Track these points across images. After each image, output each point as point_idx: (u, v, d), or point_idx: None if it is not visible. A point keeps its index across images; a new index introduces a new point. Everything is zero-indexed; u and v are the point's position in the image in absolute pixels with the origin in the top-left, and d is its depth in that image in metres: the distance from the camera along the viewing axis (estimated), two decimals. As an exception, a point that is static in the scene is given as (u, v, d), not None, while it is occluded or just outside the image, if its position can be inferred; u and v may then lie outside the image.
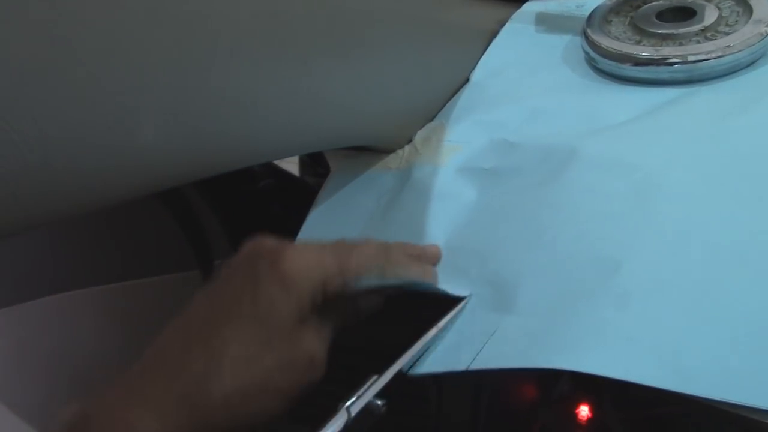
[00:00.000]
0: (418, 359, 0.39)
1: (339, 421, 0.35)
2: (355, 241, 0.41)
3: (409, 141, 0.55)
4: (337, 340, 0.39)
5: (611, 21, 0.57)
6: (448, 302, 0.42)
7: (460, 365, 0.37)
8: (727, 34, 0.50)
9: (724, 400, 0.33)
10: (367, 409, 0.36)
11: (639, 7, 0.57)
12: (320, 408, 0.35)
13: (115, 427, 0.33)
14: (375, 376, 0.37)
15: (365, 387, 0.37)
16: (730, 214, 0.40)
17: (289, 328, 0.36)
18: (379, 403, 0.36)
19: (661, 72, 0.51)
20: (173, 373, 0.34)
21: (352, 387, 0.37)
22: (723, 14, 0.53)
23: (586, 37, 0.55)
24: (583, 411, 0.42)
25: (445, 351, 0.39)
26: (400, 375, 0.38)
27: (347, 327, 0.41)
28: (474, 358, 0.37)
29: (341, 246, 0.40)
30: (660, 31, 0.53)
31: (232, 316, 0.36)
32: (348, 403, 0.36)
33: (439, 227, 0.48)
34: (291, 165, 0.83)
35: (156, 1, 0.32)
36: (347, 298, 0.39)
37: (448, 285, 0.43)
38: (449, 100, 0.57)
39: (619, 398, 0.41)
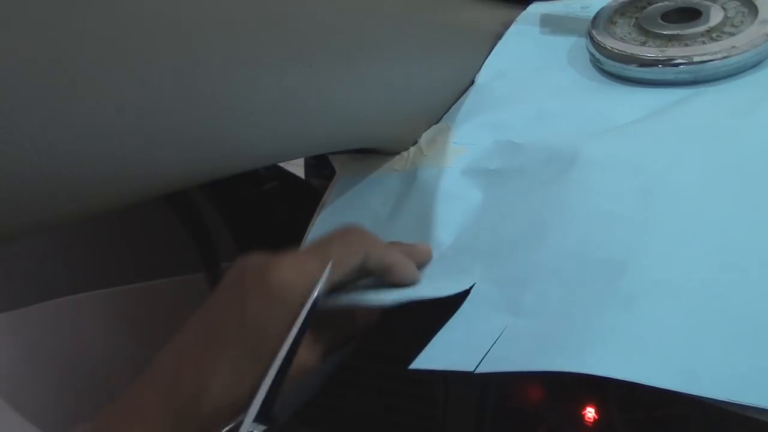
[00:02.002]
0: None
1: None
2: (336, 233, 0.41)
3: (415, 143, 0.55)
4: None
5: (616, 22, 0.57)
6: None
7: (468, 366, 0.37)
8: (733, 34, 0.50)
9: (731, 401, 0.32)
10: None
11: (644, 8, 0.57)
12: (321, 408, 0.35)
13: None
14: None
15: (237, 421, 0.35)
16: (737, 215, 0.40)
17: (279, 340, 0.36)
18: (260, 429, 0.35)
19: (667, 73, 0.51)
20: (168, 391, 0.35)
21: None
22: (728, 15, 0.52)
23: (591, 39, 0.55)
24: (590, 412, 0.42)
25: (453, 349, 0.39)
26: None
27: (346, 341, 0.41)
28: (481, 361, 0.37)
29: (322, 245, 0.40)
30: (665, 32, 0.53)
31: (221, 333, 0.36)
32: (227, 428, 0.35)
33: (444, 228, 0.48)
34: (296, 167, 0.83)
35: (162, 6, 0.32)
36: (343, 311, 0.40)
37: (453, 284, 0.43)
38: (454, 102, 0.57)
39: (625, 400, 0.41)
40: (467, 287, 0.42)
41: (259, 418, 0.34)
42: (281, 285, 0.37)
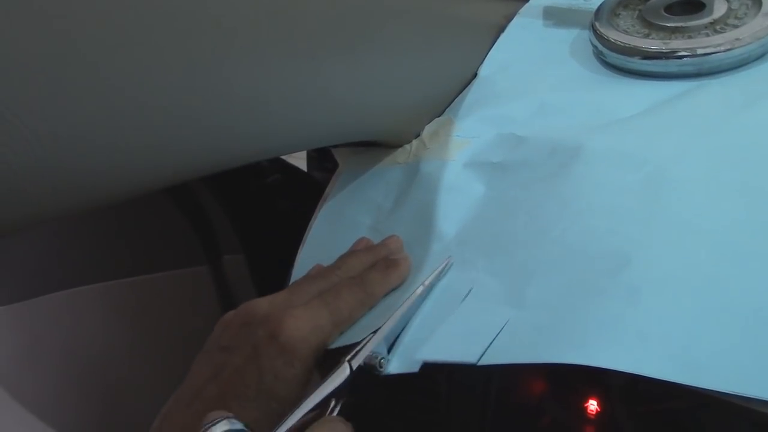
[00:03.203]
0: (409, 319, 0.41)
1: (342, 374, 0.36)
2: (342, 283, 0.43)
3: (417, 136, 0.55)
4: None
5: (620, 14, 0.56)
6: None
7: (471, 358, 0.37)
8: (737, 26, 0.50)
9: (735, 393, 0.33)
10: (368, 362, 0.38)
11: (647, 0, 0.57)
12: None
13: None
14: (371, 334, 0.39)
15: (364, 343, 0.38)
16: (740, 207, 0.40)
17: (297, 395, 0.37)
18: (378, 356, 0.38)
19: (670, 65, 0.50)
20: None
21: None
22: (732, 7, 0.52)
23: (595, 31, 0.55)
24: (592, 405, 0.42)
25: (455, 341, 0.39)
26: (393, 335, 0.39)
27: None
28: (484, 352, 0.37)
29: (329, 298, 0.41)
30: (669, 24, 0.53)
31: (240, 394, 0.37)
32: (349, 357, 0.37)
33: (447, 221, 0.48)
34: (299, 160, 0.84)
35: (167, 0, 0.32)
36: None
37: (455, 277, 0.43)
38: (457, 95, 0.57)
39: (628, 392, 0.41)
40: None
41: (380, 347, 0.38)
42: (295, 342, 0.37)
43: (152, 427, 0.38)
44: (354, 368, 0.37)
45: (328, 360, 0.39)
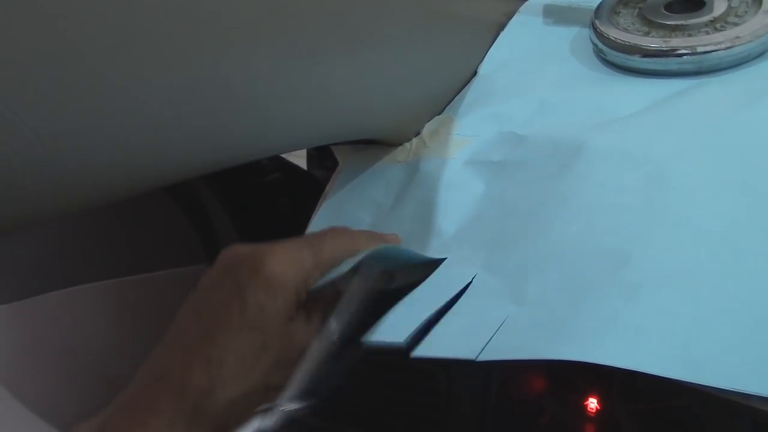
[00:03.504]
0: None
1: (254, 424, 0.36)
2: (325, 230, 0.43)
3: (417, 134, 0.55)
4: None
5: (620, 12, 0.56)
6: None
7: (470, 354, 0.37)
8: (737, 24, 0.50)
9: (734, 390, 0.33)
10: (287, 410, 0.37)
11: (647, -2, 0.57)
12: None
13: None
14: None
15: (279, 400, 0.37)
16: (740, 205, 0.40)
17: (281, 328, 0.37)
18: (294, 407, 0.37)
19: (670, 63, 0.50)
20: (179, 389, 0.35)
21: None
22: (732, 5, 0.52)
23: (595, 29, 0.55)
24: (592, 403, 0.42)
25: (455, 337, 0.39)
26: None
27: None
28: (483, 349, 0.37)
29: (313, 240, 0.41)
30: (669, 22, 0.53)
31: (224, 327, 0.37)
32: (263, 407, 0.36)
33: (447, 219, 0.48)
34: (299, 158, 0.83)
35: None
36: (334, 284, 0.40)
37: (455, 274, 0.43)
38: (457, 93, 0.57)
39: (627, 390, 0.41)
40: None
41: (298, 397, 0.36)
42: (277, 276, 0.37)
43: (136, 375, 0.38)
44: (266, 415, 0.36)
45: (313, 299, 0.39)
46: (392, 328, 0.40)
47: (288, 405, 0.36)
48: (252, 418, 0.36)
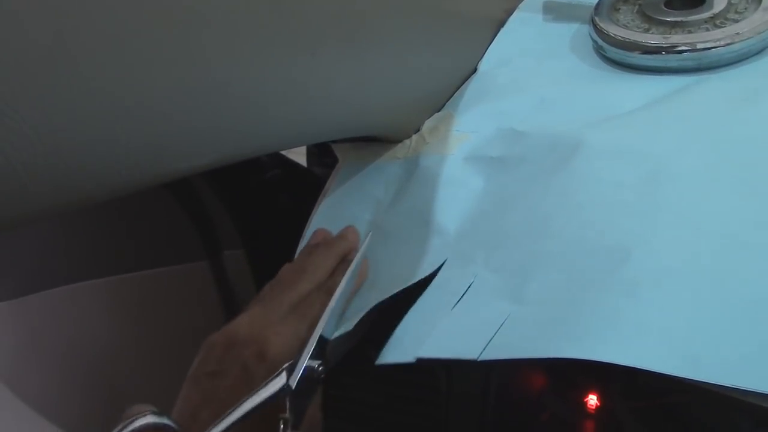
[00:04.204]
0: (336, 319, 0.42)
1: (278, 383, 0.37)
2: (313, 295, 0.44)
3: (417, 131, 0.55)
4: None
5: (619, 9, 0.56)
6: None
7: (471, 354, 0.37)
8: (737, 21, 0.50)
9: (735, 387, 0.33)
10: (307, 372, 0.38)
11: (647, -5, 0.56)
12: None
13: None
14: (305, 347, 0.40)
15: (298, 355, 0.39)
16: (740, 201, 0.40)
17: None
18: (315, 365, 0.39)
19: (670, 60, 0.50)
20: None
21: None
22: (732, 1, 0.52)
23: (594, 26, 0.55)
24: (592, 400, 0.42)
25: (456, 337, 0.39)
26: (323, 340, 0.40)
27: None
28: (484, 348, 0.37)
29: (305, 311, 0.42)
30: (669, 19, 0.53)
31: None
32: (286, 365, 0.38)
33: (446, 215, 0.48)
34: (299, 156, 0.83)
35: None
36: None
37: (456, 273, 0.43)
38: (457, 89, 0.57)
39: (627, 388, 0.41)
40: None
41: (314, 355, 0.39)
42: (282, 357, 0.39)
43: None
44: (290, 378, 0.38)
45: None
46: (401, 345, 0.41)
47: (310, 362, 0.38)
48: (277, 374, 0.37)
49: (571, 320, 0.37)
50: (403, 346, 0.41)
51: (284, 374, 0.37)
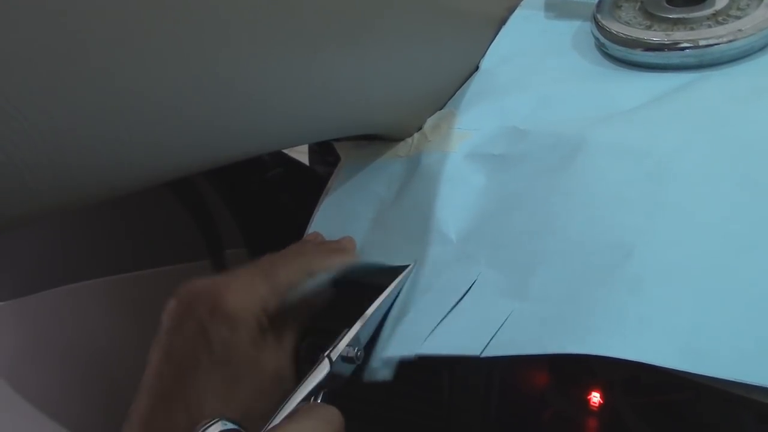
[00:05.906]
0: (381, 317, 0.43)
1: (323, 369, 0.38)
2: (279, 254, 0.44)
3: (419, 129, 0.55)
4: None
5: (621, 6, 0.56)
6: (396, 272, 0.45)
7: (474, 350, 0.37)
8: (739, 18, 0.50)
9: (738, 381, 0.33)
10: (346, 355, 0.39)
11: (649, -9, 0.56)
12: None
13: None
14: (347, 329, 0.40)
15: (340, 338, 0.40)
16: (743, 198, 0.40)
17: (249, 358, 0.38)
18: (355, 349, 0.39)
19: (672, 57, 0.50)
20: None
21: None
22: (734, -2, 0.52)
23: (596, 23, 0.55)
24: (595, 397, 0.42)
25: (459, 335, 0.39)
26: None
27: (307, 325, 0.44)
28: (487, 344, 0.37)
29: (265, 266, 0.42)
30: (671, 16, 0.52)
31: (195, 368, 0.38)
32: (327, 351, 0.38)
33: (448, 213, 0.48)
34: (300, 154, 0.83)
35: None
36: (296, 303, 0.42)
37: (458, 270, 0.43)
38: (459, 87, 0.57)
39: (630, 384, 0.41)
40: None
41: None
42: (235, 309, 0.38)
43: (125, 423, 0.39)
44: (333, 361, 0.38)
45: (281, 319, 0.41)
46: (404, 340, 0.41)
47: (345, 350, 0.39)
48: (320, 362, 0.38)
49: (574, 316, 0.37)
50: (406, 343, 0.41)
51: (326, 360, 0.38)
